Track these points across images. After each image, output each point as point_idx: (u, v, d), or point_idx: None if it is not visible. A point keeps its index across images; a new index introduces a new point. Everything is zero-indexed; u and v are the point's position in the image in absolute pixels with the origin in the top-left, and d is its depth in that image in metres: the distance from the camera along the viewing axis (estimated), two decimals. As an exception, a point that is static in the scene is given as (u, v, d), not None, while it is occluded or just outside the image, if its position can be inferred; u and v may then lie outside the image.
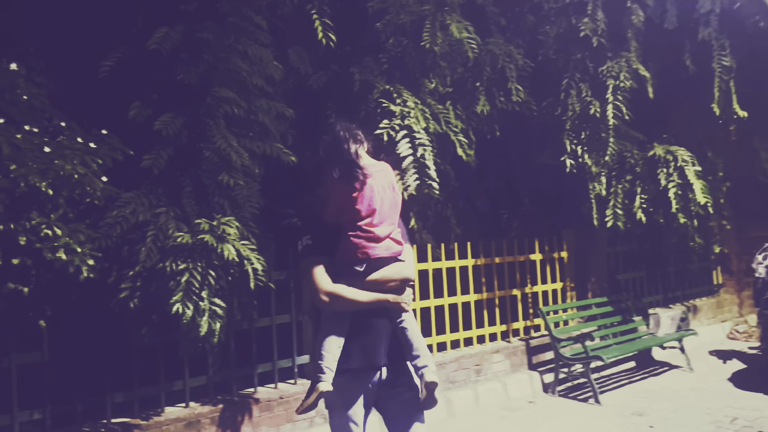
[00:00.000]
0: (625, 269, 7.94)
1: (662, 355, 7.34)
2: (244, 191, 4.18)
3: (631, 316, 7.12)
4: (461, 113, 5.61)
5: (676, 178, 6.53)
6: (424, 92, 5.25)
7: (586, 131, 6.36)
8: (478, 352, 6.09)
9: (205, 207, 4.13)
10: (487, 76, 5.78)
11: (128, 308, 3.72)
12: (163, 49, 4.06)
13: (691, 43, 7.08)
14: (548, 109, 6.51)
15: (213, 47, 4.19)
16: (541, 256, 6.95)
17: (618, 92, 6.28)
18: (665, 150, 6.67)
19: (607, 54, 6.39)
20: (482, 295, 6.37)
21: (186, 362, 4.31)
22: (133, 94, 4.15)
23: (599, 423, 5.31)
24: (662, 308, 8.24)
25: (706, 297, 9.12)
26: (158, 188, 4.05)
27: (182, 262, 3.69)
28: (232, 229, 3.80)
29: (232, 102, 4.14)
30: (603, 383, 6.47)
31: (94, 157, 3.42)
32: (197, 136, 4.12)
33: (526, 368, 6.45)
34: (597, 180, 6.52)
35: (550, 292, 7.04)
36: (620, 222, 6.55)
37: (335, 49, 4.86)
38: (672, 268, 8.52)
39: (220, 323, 3.80)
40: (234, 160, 4.02)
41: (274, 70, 4.45)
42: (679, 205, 6.50)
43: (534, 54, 6.41)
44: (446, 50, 5.15)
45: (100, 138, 3.64)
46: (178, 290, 3.64)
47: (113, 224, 3.74)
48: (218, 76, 4.20)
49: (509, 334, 6.55)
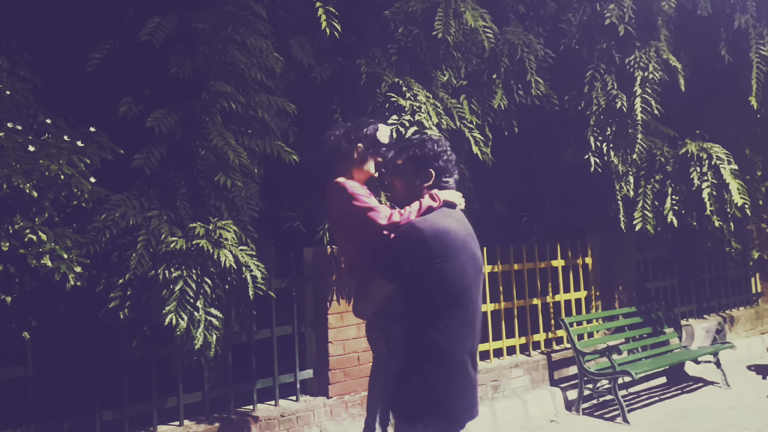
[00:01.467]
0: (656, 277, 7.89)
1: (696, 370, 7.28)
2: (243, 193, 4.20)
3: (662, 327, 7.06)
4: (476, 108, 5.61)
5: (710, 178, 6.48)
6: (436, 85, 5.25)
7: (612, 127, 6.33)
8: (496, 367, 6.06)
9: (200, 210, 4.14)
10: (505, 68, 5.77)
11: (118, 319, 3.73)
12: (155, 40, 4.08)
13: (727, 31, 7.04)
14: (571, 104, 6.48)
15: (209, 38, 4.21)
16: (564, 263, 6.92)
17: (647, 85, 6.24)
18: (698, 147, 6.62)
19: (635, 43, 6.36)
20: (500, 305, 6.34)
21: (180, 377, 4.31)
22: (123, 89, 4.17)
23: (627, 444, 5.26)
24: (696, 319, 8.17)
25: (744, 307, 9.04)
26: (150, 190, 4.07)
27: (176, 269, 3.70)
28: (229, 233, 3.80)
29: (230, 97, 4.16)
30: (631, 401, 6.42)
31: (82, 157, 3.45)
32: (192, 134, 4.14)
33: (548, 384, 6.41)
34: (624, 180, 6.49)
35: (574, 301, 7.00)
36: (650, 225, 6.50)
37: (340, 40, 4.86)
38: (706, 275, 8.45)
39: (217, 335, 3.80)
40: (231, 159, 4.03)
41: (275, 62, 4.46)
42: (713, 206, 6.45)
43: (555, 44, 6.39)
44: (460, 40, 5.14)
45: (88, 136, 3.67)
46: (171, 299, 3.65)
47: (102, 228, 3.76)
48: (215, 69, 4.21)
49: (529, 347, 6.52)
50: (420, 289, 2.43)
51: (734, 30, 6.98)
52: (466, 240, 2.54)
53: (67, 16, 4.39)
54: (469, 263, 2.50)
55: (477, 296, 2.57)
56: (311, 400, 4.94)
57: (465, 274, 2.47)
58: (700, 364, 7.16)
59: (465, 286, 2.47)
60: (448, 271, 2.41)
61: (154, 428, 4.26)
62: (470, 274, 2.50)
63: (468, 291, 2.48)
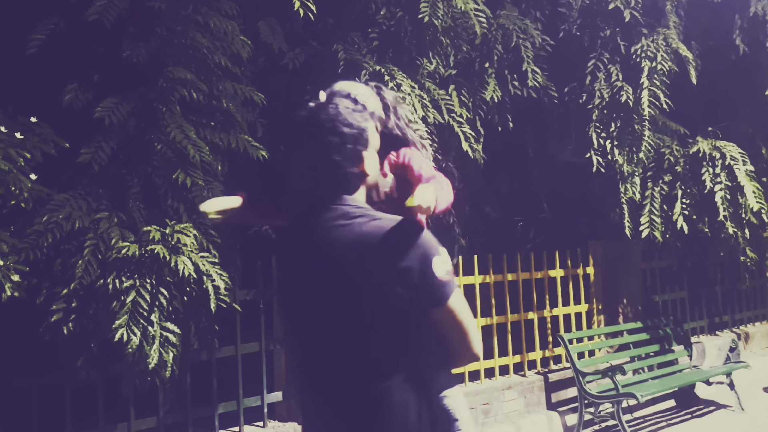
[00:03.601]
0: (663, 289, 7.96)
1: (708, 393, 7.35)
2: (204, 192, 4.17)
3: (671, 345, 7.12)
4: (467, 100, 5.63)
5: (724, 180, 6.57)
6: (422, 75, 5.26)
7: (616, 123, 6.39)
8: (487, 389, 6.08)
9: (156, 211, 4.12)
10: (498, 56, 5.81)
11: (61, 334, 3.69)
12: (106, 20, 4.04)
13: (742, 18, 7.15)
14: (571, 96, 6.54)
15: (167, 18, 4.19)
16: (563, 273, 6.96)
17: (655, 76, 6.32)
18: (711, 145, 6.71)
19: (642, 30, 6.43)
20: (491, 320, 6.36)
21: (131, 400, 4.27)
22: (69, 75, 4.13)
23: (632, 474, 5.30)
24: (707, 336, 8.26)
25: (760, 322, 9.15)
26: (99, 188, 4.04)
27: (128, 278, 3.67)
28: (188, 238, 3.79)
29: (190, 84, 4.14)
30: (637, 426, 6.46)
31: (21, 151, 3.41)
32: (147, 126, 4.12)
33: (544, 408, 6.44)
34: (630, 181, 6.55)
35: (574, 316, 7.04)
36: (657, 232, 6.57)
37: (315, 22, 4.86)
38: (719, 287, 8.54)
39: (174, 353, 3.77)
40: (192, 154, 4.01)
41: (242, 46, 4.45)
42: (727, 211, 6.53)
43: (554, 30, 6.44)
44: (449, 24, 5.16)
45: (29, 127, 3.62)
46: (122, 312, 3.62)
47: (43, 232, 3.72)
48: (173, 53, 4.20)
49: (524, 367, 6.54)
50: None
51: (750, 17, 7.08)
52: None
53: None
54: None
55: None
56: (280, 426, 4.92)
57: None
58: (712, 385, 7.22)
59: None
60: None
61: (102, 458, 4.22)
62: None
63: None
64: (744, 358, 7.77)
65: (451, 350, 1.93)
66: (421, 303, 1.83)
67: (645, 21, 6.44)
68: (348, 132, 1.90)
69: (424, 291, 1.81)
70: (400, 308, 1.82)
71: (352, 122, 1.91)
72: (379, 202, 2.26)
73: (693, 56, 6.62)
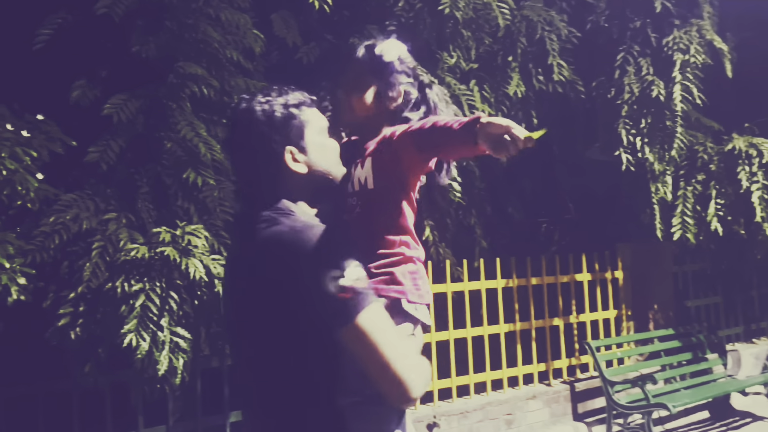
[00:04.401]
0: (696, 294, 7.91)
1: (744, 403, 7.29)
2: (215, 192, 4.20)
3: (704, 353, 7.08)
4: (489, 95, 5.62)
5: (761, 178, 6.51)
6: (443, 69, 5.27)
7: (647, 119, 6.36)
8: (510, 398, 6.06)
9: (165, 212, 4.14)
10: (522, 49, 5.79)
11: (68, 339, 3.72)
12: (114, 14, 4.08)
13: (781, 7, 7.08)
14: (599, 91, 6.51)
15: (177, 12, 4.22)
16: (590, 277, 6.93)
17: (687, 69, 6.27)
18: (747, 143, 6.65)
19: (674, 21, 6.40)
20: (515, 326, 6.34)
21: (140, 408, 4.30)
22: (77, 71, 4.18)
23: (663, 489, 5.27)
24: (743, 343, 8.18)
25: (800, 329, 9.06)
26: (107, 188, 4.07)
27: (137, 281, 3.70)
28: (199, 239, 3.81)
29: (201, 80, 4.16)
30: (668, 438, 6.43)
31: (27, 149, 3.45)
32: (157, 123, 4.15)
33: (571, 419, 6.42)
34: (661, 180, 6.51)
35: (601, 322, 7.01)
36: (690, 234, 6.52)
37: (330, 15, 4.87)
38: (755, 292, 8.47)
39: (184, 359, 3.80)
40: (203, 153, 4.04)
41: (254, 40, 4.47)
42: (765, 212, 6.48)
43: (581, 21, 6.41)
44: (470, 16, 5.17)
45: (35, 125, 3.67)
46: (131, 317, 3.64)
47: (50, 233, 3.76)
48: (183, 47, 4.22)
49: (549, 376, 6.52)
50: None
51: (789, 7, 7.02)
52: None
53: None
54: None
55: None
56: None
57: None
58: (748, 396, 7.16)
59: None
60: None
61: (110, 468, 4.26)
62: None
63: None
64: (782, 367, 7.69)
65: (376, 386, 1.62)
66: (324, 325, 1.59)
67: (677, 11, 6.40)
68: (255, 129, 1.77)
69: (321, 310, 1.58)
70: (303, 331, 1.61)
71: (260, 117, 1.76)
72: (355, 193, 2.04)
73: (728, 48, 6.57)
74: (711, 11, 6.64)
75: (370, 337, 1.57)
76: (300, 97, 1.84)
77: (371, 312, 1.59)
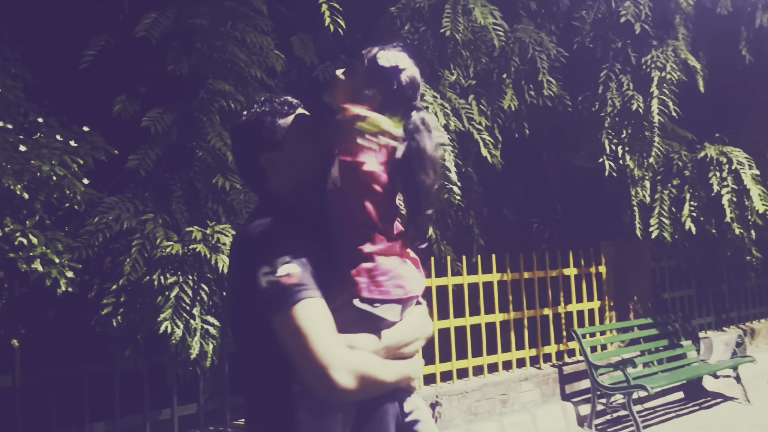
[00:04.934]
0: (672, 287, 7.87)
1: (715, 385, 7.25)
2: (241, 196, 4.22)
3: (679, 340, 7.04)
4: (486, 109, 5.62)
5: (730, 183, 6.48)
6: (444, 85, 5.27)
7: (627, 130, 6.34)
8: (504, 380, 6.05)
9: (197, 213, 4.16)
10: (515, 67, 5.79)
11: (111, 326, 3.74)
12: (151, 36, 4.11)
13: (748, 29, 7.05)
14: (585, 105, 6.49)
15: (207, 35, 4.24)
16: (576, 271, 6.91)
17: (664, 85, 6.25)
18: (718, 151, 6.62)
19: (652, 42, 6.37)
20: (509, 315, 6.33)
21: (174, 388, 4.32)
22: (118, 87, 4.20)
23: (643, 462, 5.25)
24: (715, 331, 8.14)
25: (765, 319, 9.01)
26: (145, 192, 4.09)
27: (171, 275, 3.71)
28: (227, 237, 3.81)
29: (229, 95, 4.18)
30: (647, 416, 6.40)
31: (75, 157, 3.47)
32: (189, 134, 4.16)
33: (559, 398, 6.40)
34: (640, 185, 6.48)
35: (587, 312, 6.99)
36: (666, 233, 6.50)
37: (344, 37, 4.88)
38: (726, 285, 8.43)
39: (213, 344, 3.81)
40: (230, 160, 4.05)
41: (276, 60, 4.49)
42: (734, 213, 6.44)
43: (568, 42, 6.40)
44: (469, 38, 5.16)
45: (82, 135, 3.69)
46: (166, 307, 3.66)
47: (95, 232, 3.78)
48: (213, 66, 4.24)
49: (539, 360, 6.51)
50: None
51: (755, 29, 6.98)
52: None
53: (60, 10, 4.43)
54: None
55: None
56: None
57: None
58: (719, 378, 7.12)
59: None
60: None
61: (147, 441, 4.27)
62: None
63: None
64: (750, 353, 7.65)
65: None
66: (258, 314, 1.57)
67: (655, 33, 6.38)
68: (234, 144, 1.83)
69: (258, 302, 1.55)
70: (257, 321, 1.57)
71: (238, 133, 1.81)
72: (331, 190, 1.75)
73: (701, 66, 6.54)
74: (685, 33, 6.62)
75: (294, 327, 1.51)
76: (277, 107, 1.78)
77: (300, 305, 1.52)
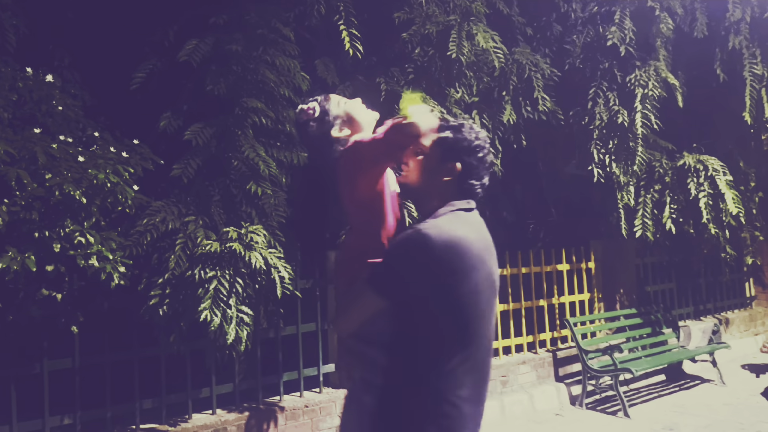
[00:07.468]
0: (655, 281, 7.81)
1: (693, 369, 7.19)
2: (272, 200, 4.23)
3: (661, 328, 6.98)
4: (487, 123, 5.60)
5: (707, 188, 6.41)
6: (450, 102, 5.25)
7: (614, 141, 6.29)
8: (504, 363, 6.03)
9: (233, 215, 4.18)
10: (514, 86, 5.76)
11: (157, 315, 3.77)
12: (193, 60, 4.14)
13: (722, 51, 6.97)
14: (575, 119, 6.45)
15: (242, 58, 4.26)
16: (569, 267, 6.87)
17: (647, 101, 6.20)
18: (695, 159, 6.56)
19: (636, 63, 6.32)
20: (509, 306, 6.31)
21: (213, 370, 4.34)
22: (163, 105, 4.23)
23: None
24: (693, 321, 8.06)
25: (739, 309, 8.90)
26: (187, 197, 4.11)
27: (210, 269, 3.74)
28: (259, 237, 3.83)
29: (261, 112, 4.20)
30: (632, 396, 6.35)
31: (126, 166, 3.50)
32: (226, 146, 4.18)
33: (553, 380, 6.36)
34: (625, 190, 6.44)
35: (578, 303, 6.95)
36: (649, 232, 6.44)
37: (362, 60, 4.89)
38: (703, 279, 8.35)
39: (247, 331, 3.82)
40: (262, 169, 4.07)
41: (302, 80, 4.50)
42: (710, 215, 6.38)
43: (561, 63, 6.37)
44: (472, 60, 5.14)
45: (132, 147, 3.73)
46: (206, 298, 3.68)
47: (143, 232, 3.80)
48: (247, 86, 4.26)
49: (536, 346, 6.48)
50: (419, 316, 1.71)
51: (729, 50, 6.91)
52: (483, 255, 1.81)
53: (114, 39, 4.47)
54: (485, 285, 1.77)
55: (490, 328, 1.81)
56: (333, 392, 4.94)
57: (478, 300, 1.74)
58: (697, 363, 7.07)
59: (478, 314, 1.75)
60: (460, 294, 1.71)
61: (189, 416, 4.29)
62: (484, 300, 1.77)
63: (481, 322, 1.76)
64: (724, 340, 7.58)
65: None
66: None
67: (638, 55, 6.33)
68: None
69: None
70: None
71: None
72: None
73: (679, 84, 6.48)
74: (665, 54, 6.56)
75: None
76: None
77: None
